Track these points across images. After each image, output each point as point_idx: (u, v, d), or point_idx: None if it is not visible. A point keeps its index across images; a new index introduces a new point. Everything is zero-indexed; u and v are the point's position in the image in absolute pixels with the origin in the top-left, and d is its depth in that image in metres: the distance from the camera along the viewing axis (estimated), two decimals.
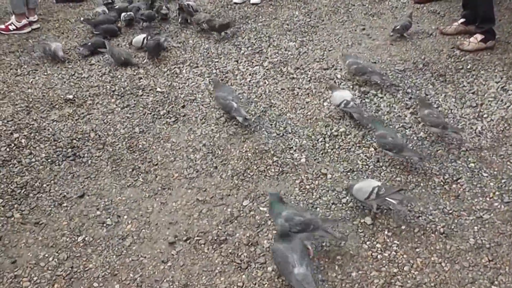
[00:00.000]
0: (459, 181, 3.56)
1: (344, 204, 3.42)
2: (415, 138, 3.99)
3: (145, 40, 5.41)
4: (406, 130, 4.07)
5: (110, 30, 5.91)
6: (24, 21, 6.07)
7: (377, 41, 5.48)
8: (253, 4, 6.56)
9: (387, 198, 3.24)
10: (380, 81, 4.57)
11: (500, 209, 3.33)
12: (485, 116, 4.18)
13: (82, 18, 6.31)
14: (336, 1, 6.51)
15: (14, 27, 6.06)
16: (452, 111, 4.26)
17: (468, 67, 4.84)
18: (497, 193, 3.45)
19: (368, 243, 3.15)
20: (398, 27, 5.48)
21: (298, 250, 2.78)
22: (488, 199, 3.41)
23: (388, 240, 3.15)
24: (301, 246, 2.83)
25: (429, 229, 3.21)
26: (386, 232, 3.21)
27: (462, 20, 5.48)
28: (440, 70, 4.82)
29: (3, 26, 6.11)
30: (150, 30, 5.88)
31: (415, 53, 5.17)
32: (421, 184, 3.55)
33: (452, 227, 3.22)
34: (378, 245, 3.13)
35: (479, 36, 5.10)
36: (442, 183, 3.55)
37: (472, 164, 3.69)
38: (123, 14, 6.11)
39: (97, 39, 5.59)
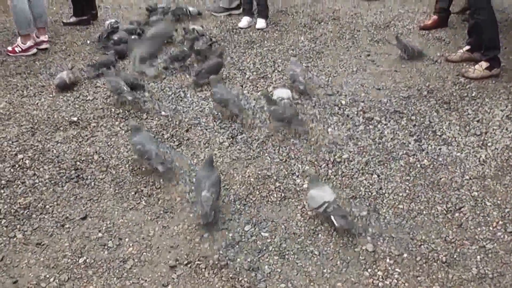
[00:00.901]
0: (462, 209, 3.54)
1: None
2: (419, 165, 3.98)
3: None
4: (410, 158, 4.07)
5: (120, 51, 5.95)
6: (30, 43, 6.11)
7: (381, 67, 5.51)
8: (258, 29, 6.61)
9: (331, 216, 3.37)
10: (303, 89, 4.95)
11: (504, 239, 3.31)
12: (489, 144, 4.17)
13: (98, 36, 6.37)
14: (342, 27, 6.56)
15: (20, 49, 6.10)
16: (456, 139, 4.26)
17: (473, 94, 4.85)
18: (500, 222, 3.43)
19: (369, 270, 3.13)
20: (409, 49, 5.59)
21: (212, 180, 3.55)
22: (491, 228, 3.39)
23: (389, 268, 3.14)
24: (217, 179, 3.60)
25: (431, 258, 3.19)
26: (387, 260, 3.19)
27: (467, 47, 5.51)
28: (445, 98, 4.83)
29: (10, 48, 6.17)
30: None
31: (420, 79, 5.19)
32: (424, 212, 3.53)
33: (455, 256, 3.20)
34: (379, 273, 3.11)
35: (484, 64, 5.12)
36: (445, 211, 3.54)
37: (476, 193, 3.68)
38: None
39: (104, 59, 5.62)
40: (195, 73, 5.24)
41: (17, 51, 6.11)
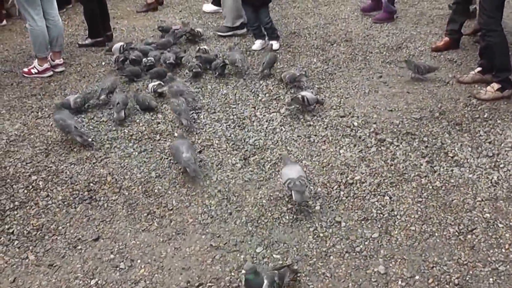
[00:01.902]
0: (474, 231, 3.53)
1: (358, 253, 3.40)
2: (431, 187, 3.97)
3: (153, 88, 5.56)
4: (422, 179, 4.06)
5: (135, 72, 6.01)
6: (46, 65, 6.20)
7: (393, 88, 5.52)
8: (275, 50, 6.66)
9: (292, 191, 3.71)
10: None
11: None
12: (501, 166, 4.16)
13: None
14: (354, 48, 6.59)
15: (36, 71, 6.19)
16: (468, 160, 4.25)
17: (485, 116, 4.84)
18: None
19: None
20: (421, 67, 5.61)
21: (186, 145, 4.24)
22: (503, 250, 3.37)
23: None
24: (190, 144, 4.35)
25: (443, 280, 3.17)
26: (399, 282, 3.18)
27: (479, 69, 5.52)
28: (457, 119, 4.83)
29: (26, 70, 6.26)
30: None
31: (432, 101, 5.19)
32: (436, 234, 3.52)
33: (467, 278, 3.18)
34: None
35: (495, 85, 5.12)
36: (457, 233, 3.52)
37: (488, 215, 3.66)
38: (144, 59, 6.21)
39: (114, 80, 5.67)
40: None
41: (33, 73, 6.19)
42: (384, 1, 7.27)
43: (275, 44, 6.71)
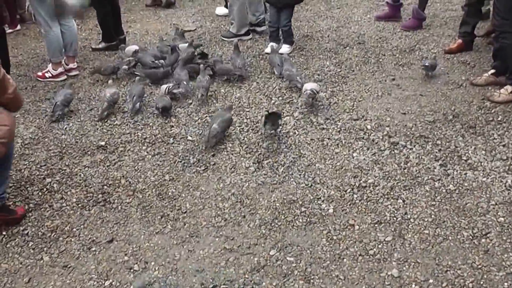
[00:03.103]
0: (488, 235, 3.52)
1: (371, 256, 3.40)
2: (444, 190, 3.96)
3: (167, 89, 5.51)
4: (435, 183, 4.05)
5: (153, 75, 6.05)
6: (60, 69, 6.24)
7: (406, 91, 5.51)
8: (282, 54, 6.66)
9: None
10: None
11: None
12: None
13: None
14: (367, 51, 6.58)
15: (50, 75, 6.23)
16: (482, 163, 4.24)
17: (499, 119, 4.82)
18: None
19: None
20: (427, 64, 5.69)
21: (225, 118, 4.78)
22: None
23: None
24: (229, 118, 4.81)
25: (457, 284, 3.17)
26: (413, 286, 3.18)
27: (493, 71, 5.50)
28: (470, 122, 4.82)
29: (40, 74, 6.30)
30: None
31: (445, 104, 5.18)
32: (450, 238, 3.51)
33: (481, 282, 3.17)
34: None
35: (509, 88, 5.11)
36: (471, 237, 3.51)
37: (502, 219, 3.65)
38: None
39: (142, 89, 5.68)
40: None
41: (47, 77, 6.23)
42: (415, 8, 7.21)
43: (284, 48, 6.70)
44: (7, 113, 3.73)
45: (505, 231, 3.54)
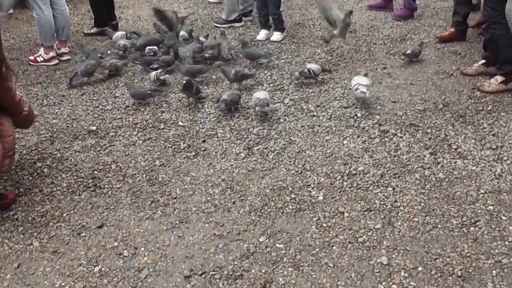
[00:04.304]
0: (477, 223, 3.54)
1: (360, 244, 3.42)
2: (434, 179, 3.98)
3: (156, 75, 5.51)
4: (425, 171, 4.07)
5: (167, 61, 6.01)
6: (52, 53, 6.21)
7: (397, 80, 5.52)
8: (274, 41, 6.66)
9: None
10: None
11: None
12: (505, 158, 4.16)
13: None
14: (358, 39, 6.58)
15: (42, 59, 6.20)
16: (472, 152, 4.26)
17: (489, 108, 4.84)
18: None
19: (384, 283, 3.13)
20: (408, 52, 5.79)
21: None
22: (507, 243, 3.38)
23: (404, 282, 3.14)
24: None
25: (446, 272, 3.19)
26: (402, 273, 3.19)
27: (483, 61, 5.51)
28: (460, 111, 4.83)
29: (32, 57, 6.27)
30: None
31: (436, 93, 5.20)
32: (439, 226, 3.53)
33: (470, 270, 3.19)
34: (394, 286, 3.11)
35: (499, 78, 5.12)
36: (460, 225, 3.53)
37: (491, 207, 3.67)
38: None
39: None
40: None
41: (39, 61, 6.20)
42: None
43: (276, 36, 6.70)
44: (9, 122, 3.79)
45: (494, 219, 3.56)
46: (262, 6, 6.69)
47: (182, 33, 6.48)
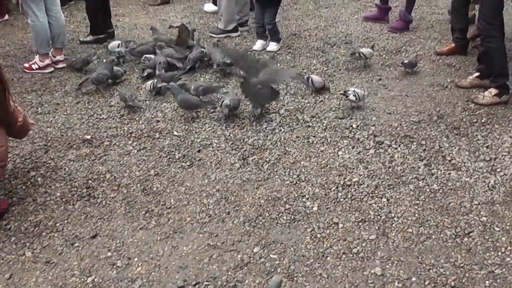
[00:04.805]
0: (471, 234, 3.55)
1: (355, 254, 3.42)
2: (428, 190, 3.99)
3: (152, 85, 5.54)
4: (419, 182, 4.08)
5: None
6: (47, 61, 6.20)
7: (392, 91, 5.54)
8: (269, 51, 6.68)
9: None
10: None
11: None
12: (498, 170, 4.18)
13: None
14: (354, 51, 6.59)
15: (37, 66, 6.18)
16: (466, 164, 4.27)
17: (483, 120, 4.87)
18: (509, 248, 3.43)
19: None
20: (406, 61, 5.84)
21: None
22: (500, 253, 3.39)
23: None
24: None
25: (439, 282, 3.19)
26: (396, 284, 3.19)
27: (477, 74, 5.55)
28: (455, 123, 4.85)
29: (27, 65, 6.25)
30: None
31: (430, 105, 5.22)
32: (433, 237, 3.54)
33: (463, 281, 3.20)
34: None
35: (493, 91, 5.15)
36: (454, 236, 3.54)
37: (484, 218, 3.68)
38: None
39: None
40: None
41: (34, 68, 6.19)
42: (402, 11, 7.26)
43: (271, 46, 6.73)
44: (1, 133, 3.78)
45: (487, 230, 3.57)
46: (261, 16, 6.72)
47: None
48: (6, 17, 8.11)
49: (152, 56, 6.16)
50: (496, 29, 5.06)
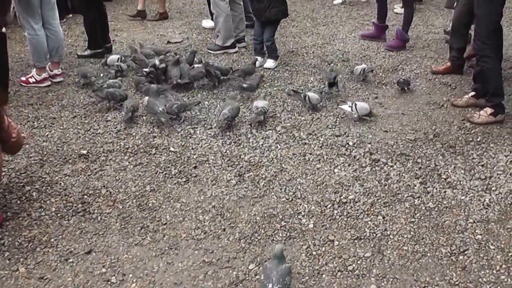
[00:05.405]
0: (466, 252, 3.55)
1: (350, 272, 3.41)
2: (424, 208, 3.99)
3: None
4: (415, 200, 4.08)
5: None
6: (44, 75, 6.20)
7: (389, 110, 5.56)
8: (267, 68, 6.71)
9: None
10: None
11: (507, 282, 3.30)
12: (493, 188, 4.19)
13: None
14: (351, 68, 6.64)
15: (34, 80, 6.19)
16: (461, 182, 4.28)
17: (478, 139, 4.88)
18: (504, 266, 3.43)
19: None
20: (401, 80, 5.90)
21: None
22: (494, 271, 3.39)
23: None
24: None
25: None
26: None
27: (473, 93, 5.58)
28: (450, 142, 4.87)
29: (24, 78, 6.25)
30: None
31: (426, 123, 5.24)
32: (428, 254, 3.53)
33: None
34: None
35: (489, 110, 5.17)
36: (449, 254, 3.54)
37: (480, 236, 3.69)
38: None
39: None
40: None
41: (31, 82, 6.19)
42: (398, 30, 7.32)
43: (269, 63, 6.76)
44: None
45: (482, 248, 3.57)
46: (260, 33, 6.76)
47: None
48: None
49: (147, 69, 6.19)
50: (491, 49, 5.09)
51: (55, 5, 6.24)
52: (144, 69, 6.18)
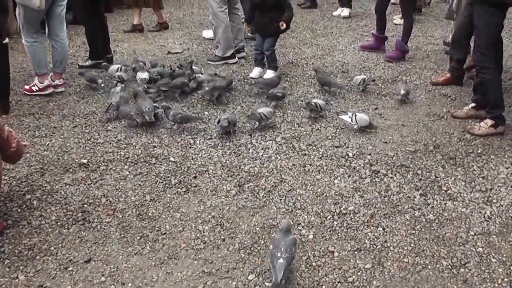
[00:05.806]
0: (467, 265, 3.54)
1: (350, 283, 3.40)
2: (424, 220, 3.99)
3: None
4: (415, 212, 4.08)
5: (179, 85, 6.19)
6: (47, 82, 6.21)
7: (388, 121, 5.57)
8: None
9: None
10: None
11: None
12: (494, 201, 4.19)
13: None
14: (350, 79, 6.66)
15: (37, 88, 6.20)
16: (462, 194, 4.28)
17: (479, 151, 4.89)
18: (506, 279, 3.42)
19: None
20: (404, 92, 5.92)
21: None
22: (496, 285, 3.38)
23: None
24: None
25: None
26: None
27: (473, 104, 5.60)
28: (451, 153, 4.88)
29: (27, 87, 6.27)
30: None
31: (426, 135, 5.24)
32: (429, 267, 3.53)
33: None
34: None
35: (489, 121, 5.18)
36: (450, 266, 3.53)
37: (481, 249, 3.68)
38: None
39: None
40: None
41: (34, 90, 6.21)
42: (398, 41, 7.35)
43: (269, 74, 6.77)
44: None
45: (484, 261, 3.57)
46: (261, 43, 6.78)
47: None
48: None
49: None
50: (490, 60, 5.11)
51: (64, 18, 6.29)
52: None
